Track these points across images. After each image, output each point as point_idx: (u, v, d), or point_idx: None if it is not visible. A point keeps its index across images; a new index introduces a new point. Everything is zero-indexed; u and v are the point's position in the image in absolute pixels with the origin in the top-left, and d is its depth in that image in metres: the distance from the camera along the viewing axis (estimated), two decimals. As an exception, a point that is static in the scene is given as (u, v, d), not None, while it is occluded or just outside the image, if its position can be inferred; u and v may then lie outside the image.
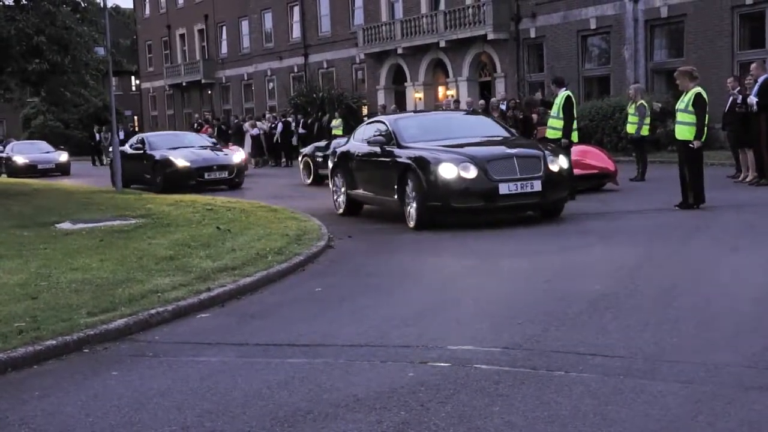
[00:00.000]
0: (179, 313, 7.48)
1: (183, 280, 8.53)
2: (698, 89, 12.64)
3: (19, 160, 36.40)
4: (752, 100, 15.59)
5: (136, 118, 67.41)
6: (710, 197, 13.03)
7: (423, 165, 11.96)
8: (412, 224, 12.22)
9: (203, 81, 56.01)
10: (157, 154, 22.83)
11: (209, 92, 56.72)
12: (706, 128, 12.70)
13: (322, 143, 24.83)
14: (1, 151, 38.94)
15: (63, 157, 37.69)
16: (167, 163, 22.38)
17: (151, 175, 22.90)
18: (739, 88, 16.76)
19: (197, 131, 40.17)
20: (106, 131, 45.08)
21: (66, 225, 13.94)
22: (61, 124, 58.89)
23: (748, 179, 16.15)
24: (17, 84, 23.81)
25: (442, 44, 36.79)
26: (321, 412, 4.82)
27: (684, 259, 9.04)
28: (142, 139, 24.79)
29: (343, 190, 14.61)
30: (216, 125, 41.33)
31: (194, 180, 22.04)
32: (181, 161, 22.28)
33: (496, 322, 6.63)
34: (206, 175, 22.29)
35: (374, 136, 13.61)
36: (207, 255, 9.97)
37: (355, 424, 4.61)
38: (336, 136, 28.47)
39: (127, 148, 24.96)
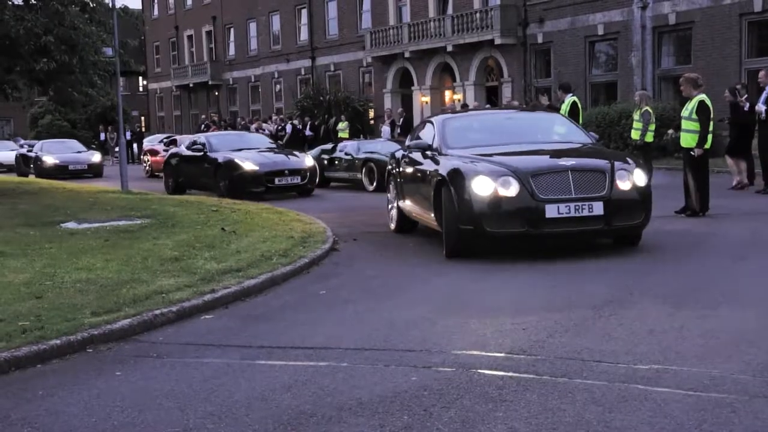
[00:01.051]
0: (183, 315, 7.48)
1: (187, 281, 8.53)
2: (702, 96, 12.62)
3: (49, 160, 33.72)
4: (760, 107, 15.57)
5: (143, 118, 67.53)
6: (716, 205, 13.01)
7: (455, 178, 9.79)
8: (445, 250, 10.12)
9: (210, 82, 56.08)
10: (221, 157, 20.48)
11: (216, 94, 56.79)
12: (710, 136, 12.69)
13: (328, 146, 24.87)
14: (30, 151, 36.26)
15: (96, 157, 34.60)
16: (233, 166, 20.02)
17: (212, 179, 20.61)
18: (746, 95, 16.76)
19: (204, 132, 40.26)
20: (112, 131, 45.19)
21: (71, 224, 13.96)
22: (69, 123, 59.06)
23: (757, 188, 16.16)
24: (25, 83, 23.87)
25: (450, 48, 36.79)
26: (324, 415, 4.81)
27: (689, 266, 9.01)
28: (203, 139, 22.37)
29: (395, 202, 12.65)
30: (223, 126, 41.42)
31: (263, 186, 19.75)
32: (248, 164, 19.89)
33: (500, 327, 6.62)
34: (276, 181, 19.86)
35: (418, 139, 11.90)
36: (212, 256, 9.98)
37: (358, 428, 4.60)
38: (342, 139, 28.54)
39: (182, 149, 22.90)
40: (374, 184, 20.63)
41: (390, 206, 13.00)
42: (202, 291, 8.08)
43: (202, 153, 21.28)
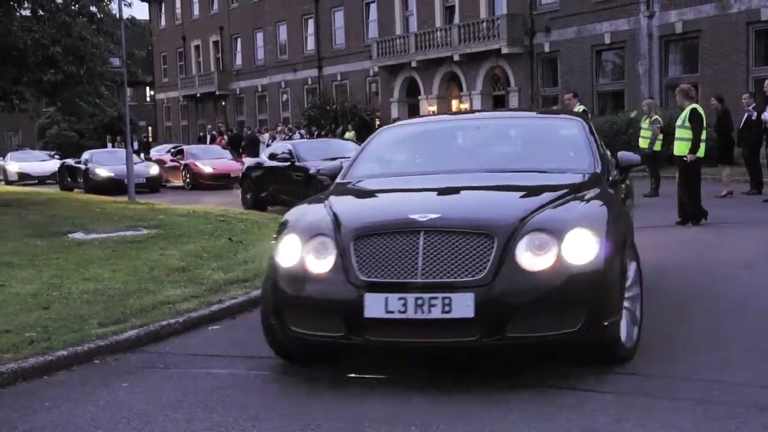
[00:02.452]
0: (190, 325, 7.46)
1: (194, 291, 8.52)
2: (694, 105, 12.86)
3: (102, 172, 28.79)
4: (767, 116, 15.57)
5: (150, 128, 67.69)
6: (723, 213, 13.01)
7: (277, 236, 5.94)
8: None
9: (217, 92, 56.24)
10: (313, 167, 17.15)
11: (223, 103, 56.92)
12: (703, 144, 12.76)
13: (335, 155, 24.79)
14: (77, 162, 31.22)
15: (153, 170, 29.46)
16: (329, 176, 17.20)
17: (303, 193, 16.86)
18: (754, 104, 16.76)
19: (211, 142, 40.36)
20: (119, 141, 45.29)
21: (79, 235, 13.98)
22: (76, 134, 59.21)
23: (765, 197, 16.24)
24: (33, 94, 23.92)
25: (456, 58, 36.84)
26: (330, 427, 4.79)
27: (697, 275, 8.98)
28: (288, 147, 19.33)
29: None
30: (230, 136, 41.49)
31: None
32: None
33: (508, 337, 6.58)
34: None
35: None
36: (219, 267, 9.97)
37: (366, 439, 4.58)
38: (349, 149, 28.53)
39: (263, 158, 20.27)
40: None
41: None
42: (209, 301, 8.07)
43: (289, 163, 18.40)
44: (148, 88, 73.05)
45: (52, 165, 36.94)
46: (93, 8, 21.73)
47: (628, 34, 30.38)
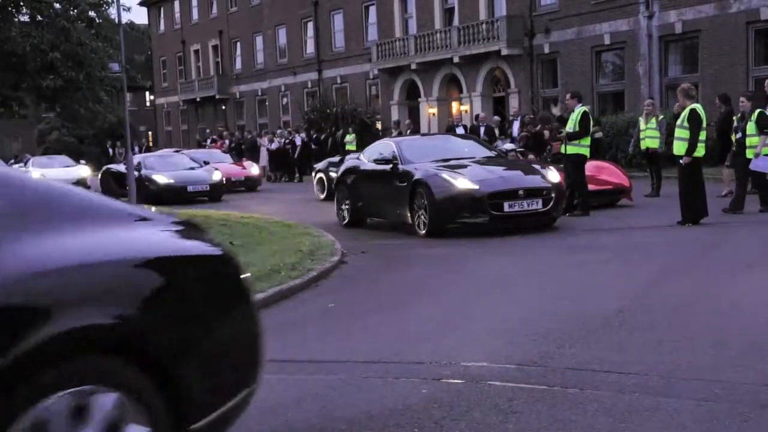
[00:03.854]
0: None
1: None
2: (693, 105, 12.79)
3: (161, 179, 25.17)
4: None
5: (150, 133, 67.72)
6: (724, 214, 12.97)
7: None
8: None
9: (217, 96, 56.24)
10: (419, 172, 13.78)
11: (223, 108, 56.95)
12: (702, 144, 12.73)
13: (336, 158, 24.85)
14: (137, 167, 25.78)
15: (216, 175, 25.87)
16: (438, 184, 13.29)
17: (406, 204, 13.79)
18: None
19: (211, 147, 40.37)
20: (120, 146, 45.34)
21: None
22: (76, 139, 59.30)
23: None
24: (32, 100, 23.97)
25: (456, 60, 36.85)
26: (334, 428, 4.79)
27: (699, 275, 8.98)
28: (392, 148, 15.09)
29: None
30: (231, 141, 41.50)
31: (485, 213, 12.95)
32: (462, 182, 13.19)
33: (510, 338, 6.59)
34: (506, 207, 12.98)
35: None
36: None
37: (368, 441, 4.58)
38: (349, 152, 28.56)
39: (362, 161, 16.18)
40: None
41: None
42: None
43: (390, 166, 14.60)
44: (147, 93, 73.12)
45: (79, 171, 34.39)
46: (92, 13, 21.79)
47: (628, 35, 30.38)
